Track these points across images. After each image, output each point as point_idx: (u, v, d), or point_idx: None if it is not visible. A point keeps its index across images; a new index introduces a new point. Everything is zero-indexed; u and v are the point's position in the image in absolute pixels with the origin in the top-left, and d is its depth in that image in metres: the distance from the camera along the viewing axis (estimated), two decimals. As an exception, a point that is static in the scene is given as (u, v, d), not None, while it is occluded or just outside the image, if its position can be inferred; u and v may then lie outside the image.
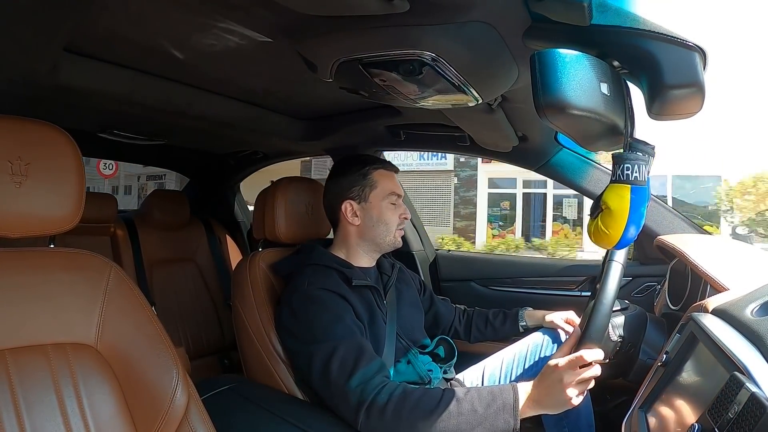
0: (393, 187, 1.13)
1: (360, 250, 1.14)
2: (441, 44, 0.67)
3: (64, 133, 0.74)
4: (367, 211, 1.11)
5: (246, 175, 2.27)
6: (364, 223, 1.12)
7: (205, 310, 1.95)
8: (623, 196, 0.58)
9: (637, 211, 0.58)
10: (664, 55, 0.55)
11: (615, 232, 0.59)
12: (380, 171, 1.13)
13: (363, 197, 1.12)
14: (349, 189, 1.12)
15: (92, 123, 1.40)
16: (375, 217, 1.11)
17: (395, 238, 1.14)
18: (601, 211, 0.61)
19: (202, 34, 0.83)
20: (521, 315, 1.29)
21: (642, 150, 0.58)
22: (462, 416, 0.81)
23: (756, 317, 0.64)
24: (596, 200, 0.62)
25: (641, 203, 0.58)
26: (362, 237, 1.13)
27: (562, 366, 0.83)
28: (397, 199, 1.14)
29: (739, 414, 0.50)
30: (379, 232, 1.12)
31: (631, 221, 0.58)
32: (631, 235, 0.60)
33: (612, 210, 0.59)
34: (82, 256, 0.76)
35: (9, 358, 0.65)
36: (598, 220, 0.61)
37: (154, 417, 0.72)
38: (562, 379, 0.82)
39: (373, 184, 1.12)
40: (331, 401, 0.92)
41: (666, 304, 1.11)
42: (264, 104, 1.30)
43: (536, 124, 1.18)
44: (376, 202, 1.11)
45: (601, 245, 0.63)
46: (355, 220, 1.12)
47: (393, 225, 1.12)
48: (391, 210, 1.12)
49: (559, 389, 0.82)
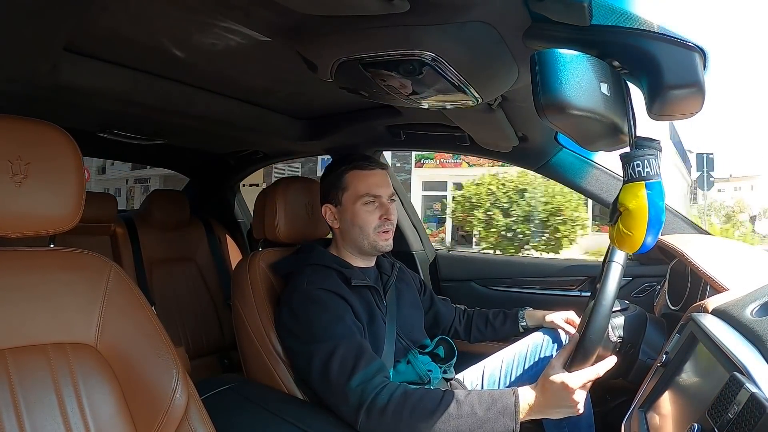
0: (366, 188, 1.08)
1: (348, 252, 1.13)
2: (441, 44, 0.67)
3: (64, 133, 0.74)
4: (342, 214, 1.10)
5: (246, 175, 2.27)
6: (342, 226, 1.11)
7: (205, 310, 1.95)
8: (639, 195, 0.57)
9: (656, 206, 0.57)
10: (664, 56, 0.54)
11: (638, 232, 0.57)
12: (354, 172, 1.10)
13: (337, 200, 1.10)
14: (327, 192, 1.12)
15: (92, 123, 1.40)
16: (349, 220, 1.09)
17: (375, 240, 1.09)
18: (619, 214, 0.59)
19: (202, 34, 0.83)
20: (521, 315, 1.29)
21: (648, 146, 0.58)
22: (462, 418, 0.81)
23: (756, 317, 0.64)
24: (613, 205, 0.60)
25: (659, 197, 0.57)
26: (344, 240, 1.12)
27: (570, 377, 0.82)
28: (375, 199, 1.09)
29: (738, 414, 0.50)
30: (356, 235, 1.09)
31: (651, 217, 0.57)
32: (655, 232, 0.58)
33: (631, 210, 0.57)
34: (82, 255, 0.76)
35: (9, 358, 0.66)
36: (618, 224, 0.59)
37: (153, 417, 0.72)
38: (568, 386, 0.81)
39: (345, 187, 1.09)
40: (330, 401, 0.91)
41: (666, 305, 1.11)
42: (264, 104, 1.30)
43: (536, 124, 1.17)
44: (348, 204, 1.09)
45: (625, 249, 0.60)
46: (335, 223, 1.12)
47: (369, 227, 1.08)
48: (366, 212, 1.08)
49: (565, 396, 0.81)
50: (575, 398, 0.81)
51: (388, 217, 1.09)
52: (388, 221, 1.09)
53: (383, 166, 1.13)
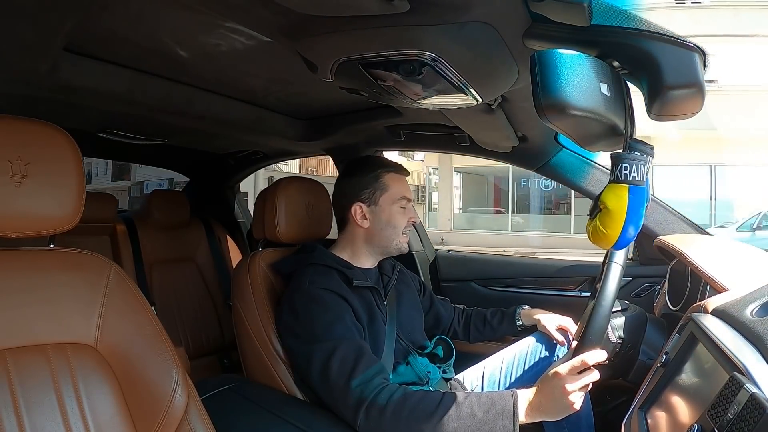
0: (404, 191, 1.14)
1: (366, 252, 1.15)
2: (441, 44, 0.67)
3: (64, 133, 0.74)
4: (376, 215, 1.12)
5: (246, 175, 2.27)
6: (373, 226, 1.12)
7: (205, 310, 1.95)
8: (621, 196, 0.58)
9: (635, 212, 0.58)
10: (664, 56, 0.55)
11: (613, 231, 0.59)
12: (392, 175, 1.14)
13: (373, 200, 1.12)
14: (360, 191, 1.12)
15: (92, 123, 1.40)
16: (384, 220, 1.12)
17: (401, 242, 1.14)
18: (599, 210, 0.61)
19: (202, 34, 0.83)
20: (517, 314, 1.30)
21: (641, 150, 0.58)
22: (461, 420, 0.81)
23: (756, 318, 0.64)
24: (595, 200, 0.62)
25: (640, 204, 0.58)
26: (370, 239, 1.13)
27: (563, 372, 0.82)
28: (407, 203, 1.14)
29: (738, 414, 0.50)
30: (387, 235, 1.12)
31: (629, 221, 0.58)
32: (630, 235, 0.60)
33: (610, 210, 0.59)
34: (82, 256, 0.76)
35: (9, 358, 0.65)
36: (596, 220, 0.61)
37: (153, 417, 0.72)
38: (563, 385, 0.81)
39: (385, 188, 1.12)
40: (330, 401, 0.91)
41: (666, 305, 1.11)
42: (264, 104, 1.30)
43: (536, 124, 1.17)
44: (386, 205, 1.12)
45: (599, 245, 0.63)
46: (364, 222, 1.12)
47: (401, 229, 1.13)
48: (400, 214, 1.13)
49: (561, 395, 0.81)
50: (572, 399, 0.81)
51: (415, 220, 1.16)
52: (414, 224, 1.17)
53: (408, 173, 1.19)
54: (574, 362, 0.82)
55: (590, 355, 0.82)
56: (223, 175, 2.25)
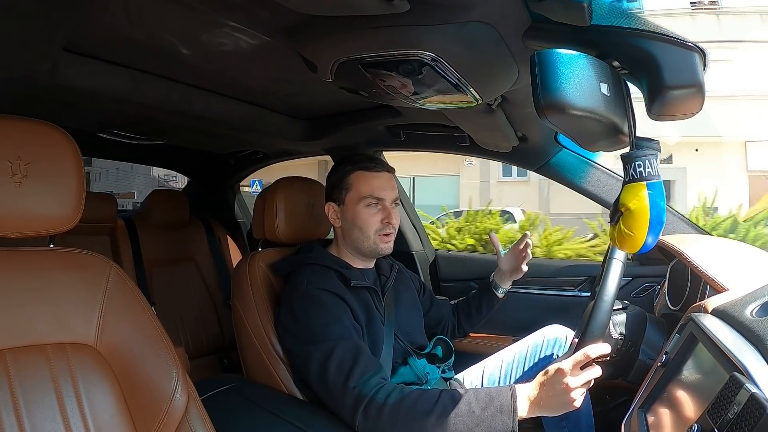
0: (370, 189, 1.07)
1: (348, 253, 1.13)
2: (441, 44, 0.67)
3: (64, 133, 0.74)
4: (344, 214, 1.09)
5: (246, 175, 2.27)
6: (343, 226, 1.10)
7: (205, 310, 1.95)
8: (640, 195, 0.57)
9: (657, 206, 0.57)
10: (664, 56, 0.54)
11: (640, 232, 0.57)
12: (359, 173, 1.08)
13: (341, 200, 1.10)
14: (331, 191, 1.11)
15: (92, 123, 1.40)
16: (349, 220, 1.08)
17: (376, 243, 1.07)
18: (621, 214, 0.59)
19: (202, 34, 0.83)
20: (493, 282, 1.30)
21: (648, 146, 0.58)
22: (459, 417, 0.81)
23: (756, 317, 0.64)
24: (614, 205, 0.60)
25: (660, 197, 0.57)
26: (345, 240, 1.12)
27: (566, 368, 0.81)
28: (378, 202, 1.07)
29: (738, 414, 0.50)
30: (356, 236, 1.08)
31: (653, 217, 0.57)
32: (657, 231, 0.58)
33: (632, 210, 0.57)
34: (81, 256, 0.76)
35: (9, 358, 0.66)
36: (620, 225, 0.59)
37: (153, 417, 0.72)
38: (566, 381, 0.80)
39: (349, 187, 1.08)
40: (328, 401, 0.91)
41: (666, 305, 1.11)
42: (264, 104, 1.30)
43: (536, 124, 1.17)
44: (350, 205, 1.08)
45: (626, 249, 0.60)
46: (336, 222, 1.11)
47: (370, 230, 1.07)
48: (367, 214, 1.07)
49: (563, 391, 0.80)
50: (574, 396, 0.80)
51: (390, 221, 1.08)
52: (389, 225, 1.08)
53: (389, 169, 1.12)
54: (577, 356, 0.80)
55: (593, 348, 0.80)
56: (223, 175, 2.25)
